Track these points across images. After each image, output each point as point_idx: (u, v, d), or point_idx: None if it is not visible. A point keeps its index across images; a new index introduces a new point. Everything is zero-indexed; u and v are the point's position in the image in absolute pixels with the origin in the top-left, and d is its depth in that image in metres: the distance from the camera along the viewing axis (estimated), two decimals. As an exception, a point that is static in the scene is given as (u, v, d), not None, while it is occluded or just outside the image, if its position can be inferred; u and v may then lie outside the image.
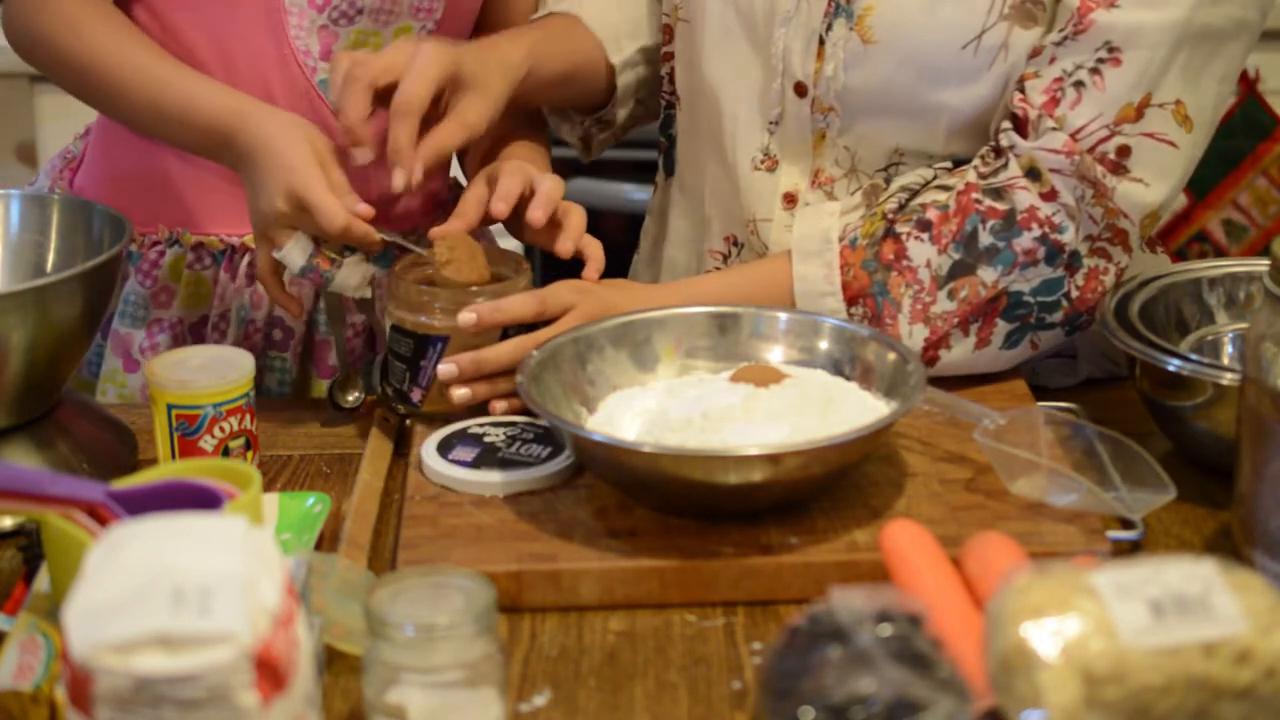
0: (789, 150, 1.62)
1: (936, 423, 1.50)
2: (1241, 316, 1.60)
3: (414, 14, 1.67)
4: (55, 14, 1.61)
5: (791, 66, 1.59)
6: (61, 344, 1.45)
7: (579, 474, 1.43)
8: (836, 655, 1.01)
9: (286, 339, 1.74)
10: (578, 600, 1.32)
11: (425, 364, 1.52)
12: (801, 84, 1.59)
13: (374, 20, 1.66)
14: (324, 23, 1.64)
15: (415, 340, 1.52)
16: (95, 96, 1.64)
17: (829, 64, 1.56)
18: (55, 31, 1.61)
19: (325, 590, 1.24)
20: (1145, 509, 1.36)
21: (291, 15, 1.64)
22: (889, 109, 1.57)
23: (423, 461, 1.44)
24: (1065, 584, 1.01)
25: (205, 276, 1.73)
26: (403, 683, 1.09)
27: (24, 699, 1.11)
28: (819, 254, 1.57)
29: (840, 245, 1.56)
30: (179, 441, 1.44)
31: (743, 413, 1.40)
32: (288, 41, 1.65)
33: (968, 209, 1.52)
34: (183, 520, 1.06)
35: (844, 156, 1.60)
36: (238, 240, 1.71)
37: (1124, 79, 1.49)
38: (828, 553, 1.33)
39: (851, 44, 1.55)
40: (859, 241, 1.55)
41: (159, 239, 1.72)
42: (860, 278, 1.54)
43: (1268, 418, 1.26)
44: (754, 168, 1.64)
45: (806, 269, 1.57)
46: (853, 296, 1.55)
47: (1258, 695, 0.99)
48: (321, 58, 1.66)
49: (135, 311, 1.73)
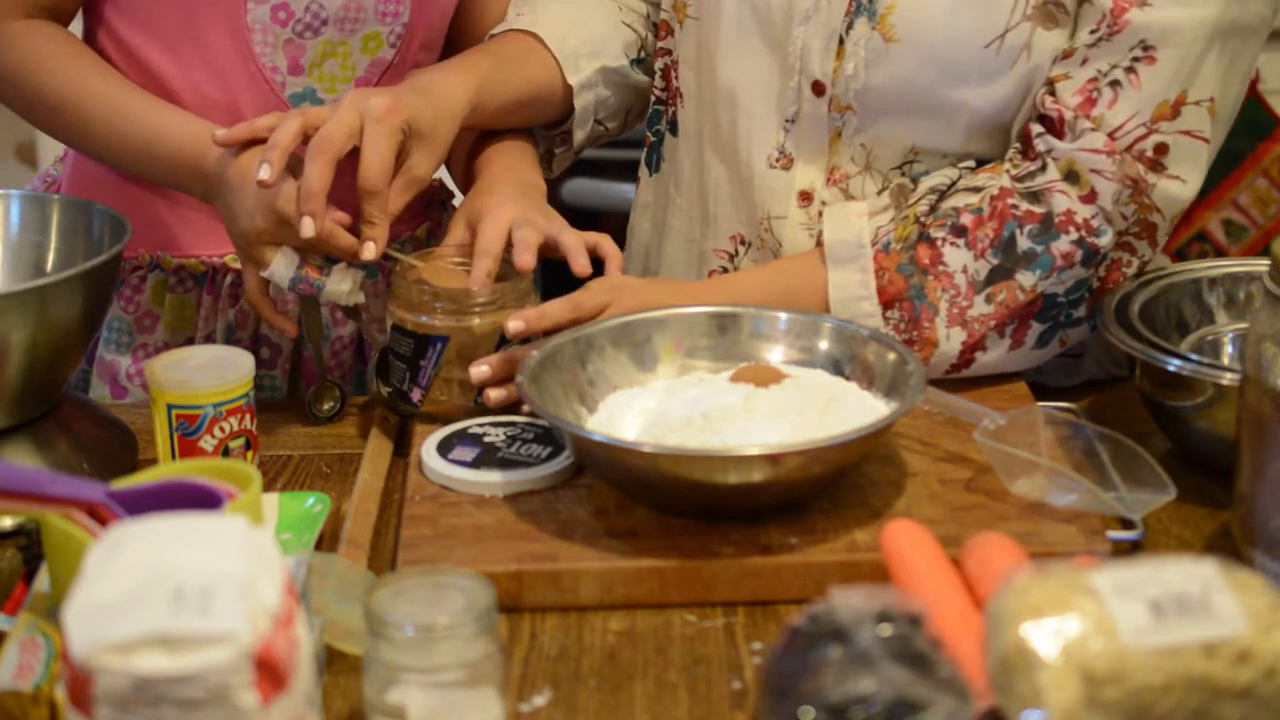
0: (805, 148, 1.62)
1: (936, 423, 1.50)
2: (1241, 316, 1.60)
3: (380, 19, 1.66)
4: (23, 52, 1.61)
5: (810, 65, 1.59)
6: (61, 344, 1.45)
7: (579, 474, 1.43)
8: (836, 655, 1.01)
9: (274, 356, 1.74)
10: (578, 600, 1.32)
11: (425, 364, 1.52)
12: (819, 83, 1.59)
13: (339, 30, 1.65)
14: (289, 36, 1.64)
15: (416, 340, 1.52)
16: (66, 132, 1.65)
17: (849, 63, 1.56)
18: (23, 69, 1.62)
19: (325, 590, 1.24)
20: (1145, 509, 1.36)
21: (255, 33, 1.63)
22: (908, 108, 1.57)
23: (423, 462, 1.44)
24: (1065, 584, 1.01)
25: (189, 299, 1.72)
26: (403, 683, 1.09)
27: (24, 699, 1.11)
28: (853, 260, 1.56)
29: (874, 250, 1.56)
30: (179, 441, 1.44)
31: (743, 413, 1.40)
32: (254, 59, 1.64)
33: (1005, 214, 1.52)
34: (183, 520, 1.06)
35: (860, 154, 1.60)
36: (219, 260, 1.71)
37: (1160, 77, 1.49)
38: (828, 553, 1.33)
39: (873, 43, 1.55)
40: (892, 245, 1.55)
41: (139, 264, 1.72)
42: (896, 282, 1.54)
43: (1268, 418, 1.26)
44: (769, 165, 1.63)
45: (841, 275, 1.56)
46: (888, 301, 1.55)
47: (1258, 695, 0.99)
48: (289, 72, 1.65)
49: (119, 338, 1.73)
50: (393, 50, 1.69)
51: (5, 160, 3.27)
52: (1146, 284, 1.58)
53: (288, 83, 1.66)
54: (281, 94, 1.66)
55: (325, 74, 1.67)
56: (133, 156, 1.61)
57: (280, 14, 1.62)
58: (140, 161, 1.61)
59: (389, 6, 1.66)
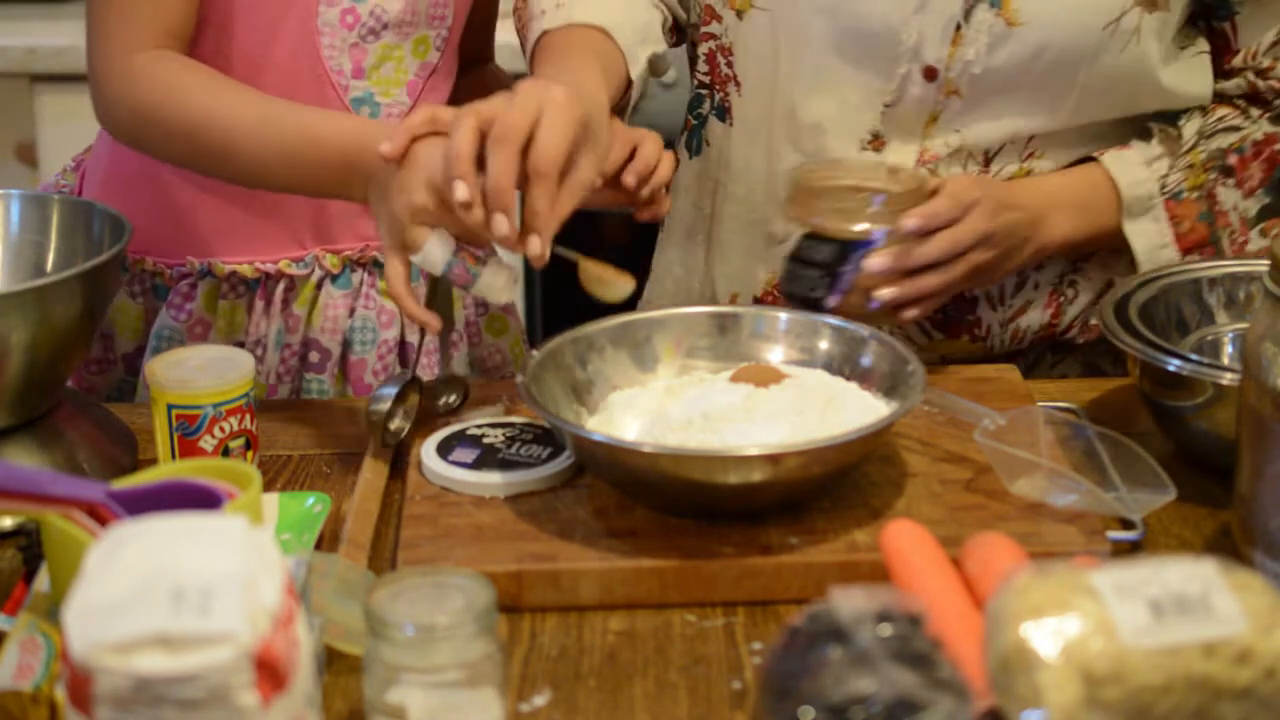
0: (898, 129, 1.65)
1: (936, 423, 1.50)
2: (1241, 316, 1.60)
3: (430, 23, 1.68)
4: (158, 81, 1.56)
5: (923, 52, 1.61)
6: (61, 344, 1.45)
7: (579, 474, 1.43)
8: (836, 655, 1.01)
9: (324, 361, 1.74)
10: (578, 600, 1.32)
11: (846, 270, 1.54)
12: (933, 68, 1.61)
13: (396, 33, 1.66)
14: (354, 40, 1.65)
15: (838, 246, 1.54)
16: (209, 157, 1.56)
17: (969, 48, 1.60)
18: (162, 98, 1.55)
19: (325, 590, 1.24)
20: (1145, 509, 1.36)
21: (324, 35, 1.64)
22: (1021, 90, 1.62)
23: (423, 463, 1.44)
24: (1065, 584, 1.01)
25: (240, 305, 1.72)
26: (403, 683, 1.09)
27: (24, 699, 1.11)
28: (1146, 212, 1.65)
29: (1163, 199, 1.64)
30: (179, 441, 1.44)
31: (743, 413, 1.40)
32: (321, 61, 1.65)
33: (1274, 159, 1.66)
34: (183, 520, 1.06)
35: (954, 138, 1.65)
36: (273, 267, 1.71)
37: None
38: (828, 553, 1.33)
39: (996, 27, 1.59)
40: (1185, 195, 1.64)
41: (189, 272, 1.71)
42: (1199, 229, 1.64)
43: (1268, 418, 1.26)
44: (861, 148, 1.66)
45: (1139, 227, 1.65)
46: (1188, 247, 1.64)
47: (1258, 695, 0.99)
48: (352, 75, 1.66)
49: (169, 347, 1.71)
50: (438, 54, 1.71)
51: (5, 160, 3.26)
52: (1146, 284, 1.58)
53: (350, 86, 1.66)
54: (344, 98, 1.67)
55: (381, 78, 1.68)
56: (283, 166, 1.53)
57: (348, 17, 1.64)
58: (294, 170, 1.53)
59: (438, 10, 1.68)
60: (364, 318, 1.74)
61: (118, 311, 1.72)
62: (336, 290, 1.72)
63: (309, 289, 1.72)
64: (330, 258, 1.72)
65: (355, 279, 1.73)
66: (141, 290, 1.72)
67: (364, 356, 1.74)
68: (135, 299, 1.72)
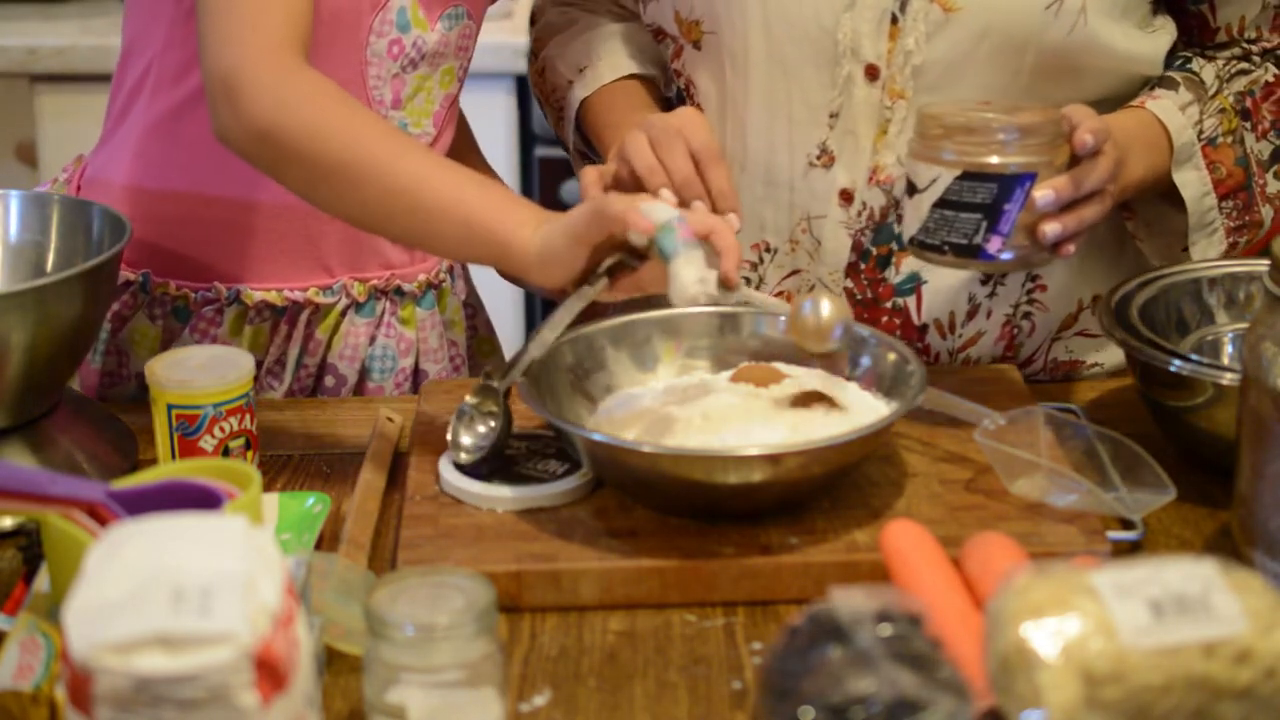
0: (848, 143, 1.61)
1: (936, 423, 1.50)
2: (1241, 316, 1.60)
3: (456, 54, 1.69)
4: (303, 110, 1.44)
5: (861, 49, 1.57)
6: (61, 344, 1.45)
7: (595, 491, 1.41)
8: (836, 655, 1.01)
9: (338, 386, 1.73)
10: (578, 600, 1.32)
11: (1010, 207, 1.42)
12: (873, 66, 1.58)
13: (430, 64, 1.67)
14: (396, 70, 1.65)
15: (1000, 182, 1.42)
16: (341, 202, 1.45)
17: (908, 38, 1.56)
18: (308, 129, 1.43)
19: (325, 590, 1.24)
20: (1145, 509, 1.36)
21: (372, 66, 1.64)
22: (966, 78, 1.57)
23: (440, 476, 1.43)
24: (1065, 584, 1.01)
25: (264, 328, 1.71)
26: (403, 683, 1.09)
27: (24, 699, 1.11)
28: (1189, 160, 1.62)
29: (1201, 145, 1.62)
30: (179, 441, 1.44)
31: (743, 413, 1.40)
32: (366, 91, 1.65)
33: None
34: (183, 520, 1.06)
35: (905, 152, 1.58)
36: (301, 296, 1.69)
37: None
38: (828, 553, 1.33)
39: (932, 15, 1.55)
40: (1220, 140, 1.62)
41: (215, 298, 1.69)
42: (1235, 174, 1.62)
43: (1268, 418, 1.26)
44: (809, 164, 1.62)
45: (1185, 175, 1.62)
46: (1226, 193, 1.62)
47: (1258, 695, 0.99)
48: (392, 105, 1.66)
49: None
50: (458, 84, 1.72)
51: (5, 160, 3.27)
52: (1146, 284, 1.58)
53: (389, 116, 1.66)
54: None
55: (415, 108, 1.68)
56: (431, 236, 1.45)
57: (394, 48, 1.64)
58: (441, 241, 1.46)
59: (464, 41, 1.69)
60: (384, 346, 1.73)
61: (136, 332, 1.71)
62: (360, 319, 1.72)
63: (334, 315, 1.71)
64: (358, 286, 1.71)
65: (379, 307, 1.73)
66: (162, 314, 1.71)
67: (381, 384, 1.74)
68: (155, 321, 1.71)
